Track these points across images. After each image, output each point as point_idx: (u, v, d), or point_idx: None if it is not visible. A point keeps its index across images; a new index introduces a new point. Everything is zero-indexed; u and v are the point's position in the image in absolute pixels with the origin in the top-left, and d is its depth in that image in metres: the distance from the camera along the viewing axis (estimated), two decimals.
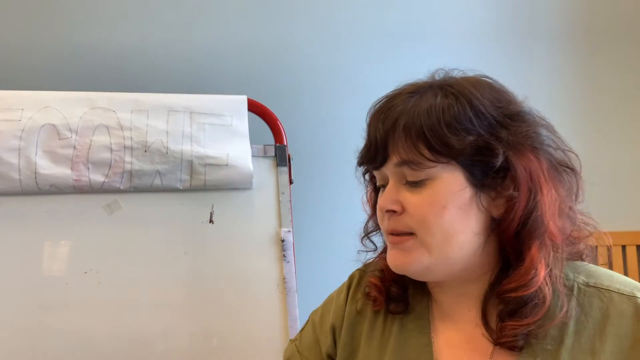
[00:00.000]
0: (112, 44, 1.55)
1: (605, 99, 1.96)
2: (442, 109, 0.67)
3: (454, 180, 0.67)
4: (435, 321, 0.76)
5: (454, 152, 0.66)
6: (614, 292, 0.69)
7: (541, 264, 0.66)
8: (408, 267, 0.70)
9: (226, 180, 1.26)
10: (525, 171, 0.67)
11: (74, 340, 1.17)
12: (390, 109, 0.70)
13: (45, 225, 1.20)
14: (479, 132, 0.66)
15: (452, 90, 0.69)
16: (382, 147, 0.70)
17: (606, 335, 0.66)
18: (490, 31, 1.85)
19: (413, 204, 0.68)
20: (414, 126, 0.67)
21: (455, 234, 0.68)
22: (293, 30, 1.68)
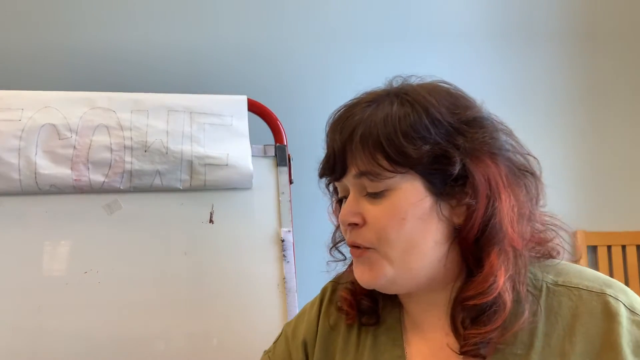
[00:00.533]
0: (112, 44, 1.55)
1: (605, 98, 1.96)
2: (398, 118, 0.66)
3: (413, 190, 0.67)
4: (407, 332, 0.75)
5: (411, 161, 0.65)
6: (582, 290, 0.67)
7: (500, 270, 0.65)
8: (374, 282, 0.70)
9: (226, 180, 1.26)
10: (484, 178, 0.66)
11: (74, 340, 1.17)
12: (347, 119, 0.70)
13: (45, 225, 1.19)
14: (435, 140, 0.66)
15: (407, 98, 0.68)
16: (340, 158, 0.69)
17: (576, 336, 0.65)
18: (490, 31, 1.85)
19: (373, 216, 0.68)
20: (371, 136, 0.66)
21: (416, 245, 0.67)
22: (293, 31, 1.68)
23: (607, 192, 1.94)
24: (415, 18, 1.78)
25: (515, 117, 0.73)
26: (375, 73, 1.72)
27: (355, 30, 1.73)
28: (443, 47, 1.79)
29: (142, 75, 1.56)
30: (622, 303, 0.65)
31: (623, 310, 0.65)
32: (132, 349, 1.19)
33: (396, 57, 1.74)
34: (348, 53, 1.72)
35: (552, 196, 0.74)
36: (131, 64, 1.56)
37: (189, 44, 1.60)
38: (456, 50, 1.80)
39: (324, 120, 1.78)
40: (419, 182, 0.67)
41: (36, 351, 1.15)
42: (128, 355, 1.19)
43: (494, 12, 1.86)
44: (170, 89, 1.34)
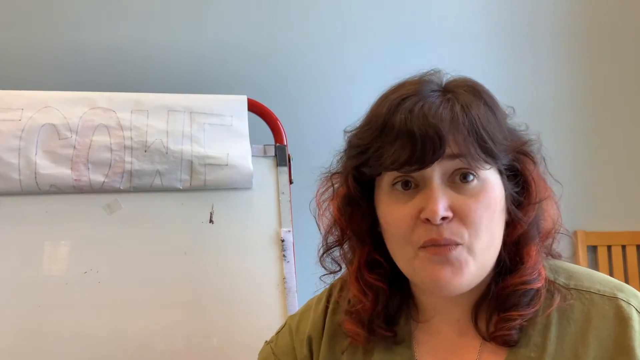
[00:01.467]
0: (112, 44, 1.55)
1: (605, 98, 1.96)
2: (487, 114, 0.66)
3: (499, 185, 0.66)
4: (419, 336, 0.74)
5: (501, 157, 0.66)
6: (594, 294, 0.68)
7: (539, 262, 0.68)
8: (458, 283, 0.64)
9: (226, 180, 1.26)
10: (534, 177, 0.68)
11: (74, 340, 1.17)
12: (434, 104, 0.64)
13: (45, 225, 1.19)
14: (508, 139, 0.67)
15: (477, 93, 0.68)
16: (438, 140, 0.62)
17: (589, 340, 0.65)
18: (490, 32, 1.85)
19: (468, 207, 0.63)
20: (472, 124, 0.64)
21: (494, 239, 0.66)
22: (293, 31, 1.68)
23: (607, 192, 1.94)
24: (416, 18, 1.78)
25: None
26: (375, 73, 1.72)
27: (356, 30, 1.73)
28: (444, 48, 1.78)
29: (142, 75, 1.56)
30: (634, 307, 0.66)
31: (635, 314, 0.66)
32: (132, 349, 1.19)
33: (397, 57, 1.74)
34: (348, 53, 1.72)
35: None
36: (131, 64, 1.55)
37: (189, 44, 1.60)
38: (456, 50, 1.79)
39: (324, 120, 1.77)
40: (498, 177, 0.67)
41: (36, 351, 1.15)
42: (128, 355, 1.19)
43: (495, 13, 1.86)
44: (170, 89, 1.34)
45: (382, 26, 1.75)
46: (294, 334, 0.83)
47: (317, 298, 0.84)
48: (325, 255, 0.77)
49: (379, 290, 0.72)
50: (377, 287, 0.72)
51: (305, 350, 0.80)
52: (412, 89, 0.67)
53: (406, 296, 0.75)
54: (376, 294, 0.72)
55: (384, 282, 0.72)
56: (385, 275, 0.72)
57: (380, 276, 0.72)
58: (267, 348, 0.86)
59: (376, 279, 0.72)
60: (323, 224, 0.76)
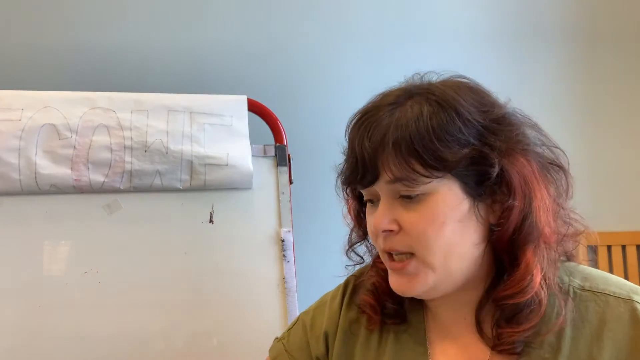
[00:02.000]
0: (112, 44, 1.55)
1: (606, 98, 1.96)
2: (430, 121, 0.64)
3: (451, 194, 0.65)
4: (431, 331, 0.75)
5: (448, 165, 0.64)
6: (610, 296, 0.67)
7: (537, 268, 0.65)
8: (414, 291, 0.69)
9: (226, 180, 1.26)
10: (520, 176, 0.65)
11: (73, 340, 1.17)
12: (375, 123, 0.66)
13: (45, 225, 1.19)
14: (470, 141, 0.65)
15: (434, 98, 0.66)
16: (372, 165, 0.66)
17: (604, 342, 0.65)
18: (490, 32, 1.85)
19: (410, 222, 0.66)
20: (405, 142, 0.64)
21: (455, 248, 0.66)
22: (293, 31, 1.68)
23: (607, 192, 1.94)
24: (416, 18, 1.78)
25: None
26: (375, 73, 1.73)
27: (355, 31, 1.73)
28: (444, 48, 1.79)
29: (142, 75, 1.56)
30: None
31: None
32: (132, 348, 1.19)
33: (397, 57, 1.74)
34: (348, 53, 1.72)
35: None
36: (131, 64, 1.56)
37: (189, 44, 1.60)
38: (456, 50, 1.79)
39: (324, 120, 1.77)
40: (455, 185, 0.65)
41: (36, 351, 1.15)
42: (128, 355, 1.19)
43: (496, 13, 1.86)
44: (170, 89, 1.34)
45: (382, 26, 1.75)
46: (309, 330, 0.83)
47: (331, 294, 0.86)
48: (349, 250, 0.82)
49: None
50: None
51: (321, 346, 0.81)
52: (370, 106, 0.70)
53: None
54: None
55: None
56: None
57: None
58: (279, 345, 0.86)
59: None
60: (348, 219, 0.81)
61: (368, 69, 1.72)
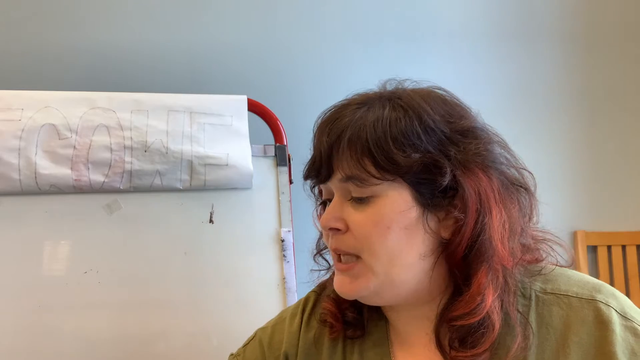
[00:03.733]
0: (112, 44, 1.55)
1: (604, 98, 1.97)
2: (389, 122, 0.64)
3: (400, 199, 0.64)
4: (394, 346, 0.73)
5: (400, 169, 0.63)
6: (572, 297, 0.65)
7: (489, 289, 0.63)
8: (354, 293, 0.68)
9: (226, 180, 1.26)
10: (474, 191, 0.63)
11: (74, 340, 1.17)
12: (336, 120, 0.67)
13: (45, 225, 1.19)
14: (426, 148, 0.63)
15: (400, 102, 0.66)
16: (327, 161, 0.66)
17: (570, 347, 0.63)
18: (490, 32, 1.85)
19: (356, 223, 0.65)
20: (359, 140, 0.64)
21: (400, 256, 0.64)
22: (293, 31, 1.68)
23: (607, 192, 1.95)
24: (415, 18, 1.78)
25: (515, 117, 0.73)
26: (375, 73, 1.72)
27: (356, 31, 1.73)
28: (443, 47, 1.79)
29: (142, 75, 1.56)
30: (613, 309, 0.64)
31: (615, 316, 0.63)
32: (132, 348, 1.19)
33: (396, 57, 1.74)
34: (348, 53, 1.72)
35: (552, 196, 0.74)
36: (131, 64, 1.56)
37: (189, 44, 1.60)
38: (456, 50, 1.79)
39: None
40: (406, 191, 0.64)
41: (36, 351, 1.15)
42: (128, 355, 1.19)
43: (494, 13, 1.86)
44: (170, 89, 1.34)
45: (382, 26, 1.75)
46: (266, 348, 0.82)
47: (291, 311, 0.84)
48: (317, 256, 0.82)
49: None
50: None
51: None
52: (342, 101, 0.70)
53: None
54: None
55: None
56: None
57: None
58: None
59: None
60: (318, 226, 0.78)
61: (369, 69, 1.72)
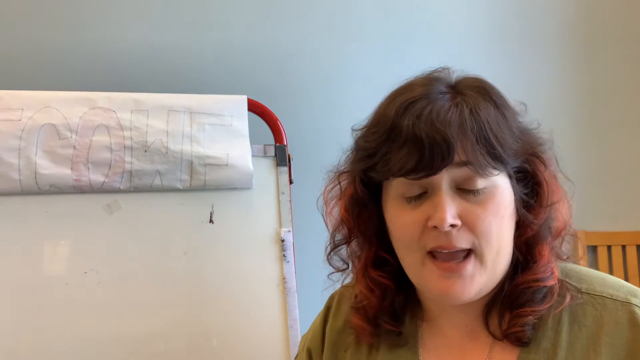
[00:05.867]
0: (112, 44, 1.55)
1: (604, 99, 1.96)
2: (498, 117, 0.64)
3: (508, 189, 0.65)
4: (425, 339, 0.73)
5: (511, 160, 0.64)
6: (607, 299, 0.66)
7: (552, 261, 0.67)
8: (468, 295, 0.65)
9: (226, 180, 1.26)
10: (546, 178, 0.67)
11: (73, 340, 1.17)
12: (441, 109, 0.63)
13: (45, 225, 1.19)
14: (519, 141, 0.66)
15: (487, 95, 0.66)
16: (446, 147, 0.61)
17: (601, 346, 0.64)
18: (490, 32, 1.85)
19: (476, 215, 0.63)
20: (481, 130, 0.62)
21: (505, 245, 0.66)
22: (293, 30, 1.68)
23: (607, 192, 1.94)
24: (416, 17, 1.78)
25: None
26: (375, 73, 1.72)
27: (356, 30, 1.73)
28: (444, 47, 1.78)
29: (142, 75, 1.56)
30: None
31: None
32: (132, 348, 1.19)
33: (397, 56, 1.74)
34: (348, 53, 1.72)
35: None
36: (131, 64, 1.55)
37: (189, 44, 1.60)
38: (456, 50, 1.79)
39: (325, 120, 1.77)
40: (507, 181, 0.65)
41: (36, 351, 1.15)
42: (128, 355, 1.19)
43: (496, 13, 1.86)
44: (170, 89, 1.34)
45: (382, 25, 1.75)
46: (300, 352, 0.86)
47: (319, 313, 0.86)
48: (332, 253, 0.77)
49: (386, 287, 0.73)
50: (384, 284, 0.72)
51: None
52: (420, 91, 0.65)
53: (412, 294, 0.75)
54: (383, 291, 0.73)
55: (390, 280, 0.72)
56: (392, 272, 0.72)
57: (387, 273, 0.72)
58: None
59: (382, 276, 0.72)
60: (330, 222, 0.76)
61: (368, 69, 1.72)
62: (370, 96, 0.74)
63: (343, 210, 0.74)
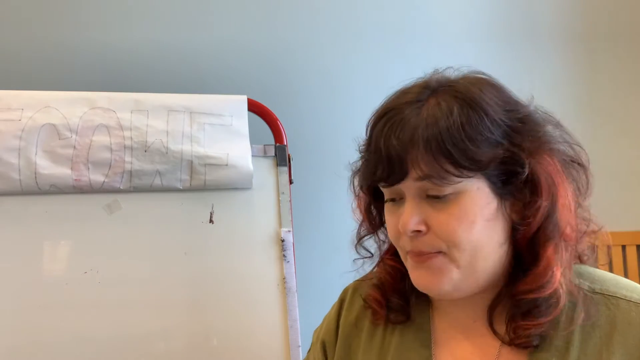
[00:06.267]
0: (112, 44, 1.55)
1: (604, 99, 1.96)
2: (460, 120, 0.63)
3: (480, 193, 0.65)
4: (437, 332, 0.74)
5: (481, 166, 0.63)
6: (620, 299, 0.67)
7: (557, 265, 0.65)
8: (438, 288, 0.67)
9: (226, 180, 1.26)
10: (546, 176, 0.65)
11: (73, 340, 1.17)
12: (402, 121, 0.65)
13: (45, 225, 1.19)
14: (499, 141, 0.64)
15: (461, 96, 0.65)
16: (400, 162, 0.64)
17: (613, 346, 0.64)
18: (490, 32, 1.85)
19: (440, 222, 0.65)
20: (435, 140, 0.63)
21: (483, 247, 0.65)
22: (293, 30, 1.68)
23: (607, 192, 1.94)
24: (417, 17, 1.78)
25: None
26: (375, 73, 1.73)
27: (356, 30, 1.73)
28: (445, 47, 1.78)
29: (142, 75, 1.56)
30: None
31: None
32: (132, 348, 1.19)
33: (397, 56, 1.74)
34: (348, 53, 1.72)
35: None
36: (131, 64, 1.56)
37: (189, 44, 1.60)
38: (457, 50, 1.79)
39: (324, 120, 1.77)
40: (484, 184, 0.65)
41: (36, 351, 1.15)
42: (128, 355, 1.19)
43: (496, 13, 1.86)
44: (170, 89, 1.34)
45: (383, 25, 1.75)
46: (313, 345, 0.87)
47: (332, 306, 0.87)
48: (358, 244, 0.81)
49: (399, 271, 0.77)
50: (398, 269, 0.76)
51: (320, 355, 0.83)
52: (392, 103, 0.68)
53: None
54: (396, 274, 0.77)
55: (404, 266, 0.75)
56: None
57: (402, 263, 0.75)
58: None
59: (398, 263, 0.76)
60: (357, 214, 0.80)
61: (368, 69, 1.72)
62: (370, 96, 0.74)
63: (358, 209, 0.79)
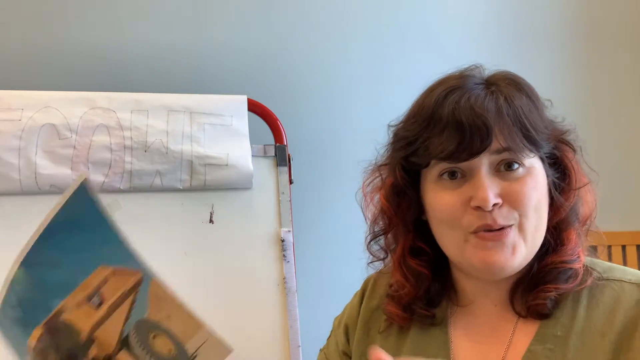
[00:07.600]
0: (112, 44, 1.55)
1: (604, 99, 1.96)
2: (529, 105, 0.69)
3: (542, 171, 0.69)
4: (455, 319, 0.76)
5: (542, 145, 0.69)
6: (625, 282, 0.70)
7: (579, 245, 0.71)
8: (510, 264, 0.67)
9: (226, 180, 1.26)
10: (574, 164, 0.72)
11: None
12: (478, 97, 0.67)
13: None
14: (548, 129, 0.71)
15: (519, 86, 0.72)
16: (486, 132, 0.65)
17: (616, 317, 0.67)
18: (490, 32, 1.85)
19: (515, 191, 0.67)
20: (515, 115, 0.67)
21: (542, 223, 0.69)
22: (293, 30, 1.68)
23: (607, 192, 1.94)
24: (417, 18, 1.78)
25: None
26: (375, 73, 1.72)
27: (356, 30, 1.73)
28: (445, 47, 1.78)
29: (142, 75, 1.56)
30: None
31: None
32: None
33: (396, 56, 1.74)
34: (348, 53, 1.72)
35: None
36: (131, 64, 1.56)
37: (189, 44, 1.60)
38: (456, 50, 1.79)
39: (324, 120, 1.77)
40: (541, 165, 0.70)
41: None
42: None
43: (496, 13, 1.86)
44: (170, 89, 1.34)
45: (383, 25, 1.75)
46: (336, 330, 0.88)
47: (353, 295, 0.88)
48: (372, 243, 0.80)
49: (421, 275, 0.75)
50: (420, 273, 0.75)
51: (342, 337, 0.84)
52: (456, 82, 0.70)
53: (447, 281, 0.78)
54: (418, 279, 0.75)
55: (426, 268, 0.75)
56: (428, 261, 0.76)
57: (424, 262, 0.75)
58: (322, 355, 0.89)
59: (419, 265, 0.75)
60: (369, 214, 0.79)
61: (368, 69, 1.72)
62: (370, 96, 0.74)
63: (383, 199, 0.76)
